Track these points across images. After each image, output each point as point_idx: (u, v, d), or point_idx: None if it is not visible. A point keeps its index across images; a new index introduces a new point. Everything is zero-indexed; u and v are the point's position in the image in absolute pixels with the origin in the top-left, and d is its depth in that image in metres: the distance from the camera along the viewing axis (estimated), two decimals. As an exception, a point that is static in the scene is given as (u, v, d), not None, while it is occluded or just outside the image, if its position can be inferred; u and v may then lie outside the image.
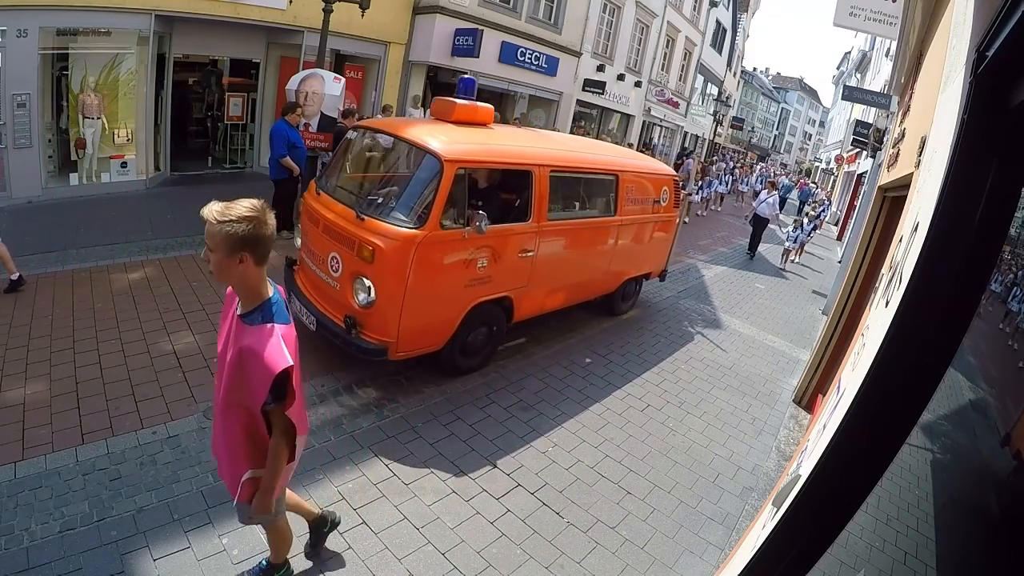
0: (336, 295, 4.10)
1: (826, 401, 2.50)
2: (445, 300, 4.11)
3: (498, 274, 4.40)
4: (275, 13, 9.52)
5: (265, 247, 1.76)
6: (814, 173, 39.72)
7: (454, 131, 4.34)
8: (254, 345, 1.76)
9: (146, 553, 2.59)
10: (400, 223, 3.83)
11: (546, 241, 4.78)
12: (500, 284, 4.48)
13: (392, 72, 12.06)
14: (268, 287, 1.89)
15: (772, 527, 1.32)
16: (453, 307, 4.19)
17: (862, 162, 15.99)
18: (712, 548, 3.33)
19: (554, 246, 4.96)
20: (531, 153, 4.67)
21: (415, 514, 3.13)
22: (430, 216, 3.79)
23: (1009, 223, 0.99)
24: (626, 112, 19.36)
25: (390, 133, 4.54)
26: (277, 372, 1.74)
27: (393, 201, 4.13)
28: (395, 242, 3.74)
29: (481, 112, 4.76)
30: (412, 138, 4.19)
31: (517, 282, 4.67)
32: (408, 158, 4.44)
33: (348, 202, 4.19)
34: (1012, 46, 0.90)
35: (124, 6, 7.63)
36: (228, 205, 1.70)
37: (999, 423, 1.07)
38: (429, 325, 4.10)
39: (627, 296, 6.80)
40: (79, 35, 7.58)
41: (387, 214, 3.94)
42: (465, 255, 4.07)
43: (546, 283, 5.07)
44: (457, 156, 3.94)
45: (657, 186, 6.38)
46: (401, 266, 3.75)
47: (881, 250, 4.71)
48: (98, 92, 7.85)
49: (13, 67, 6.80)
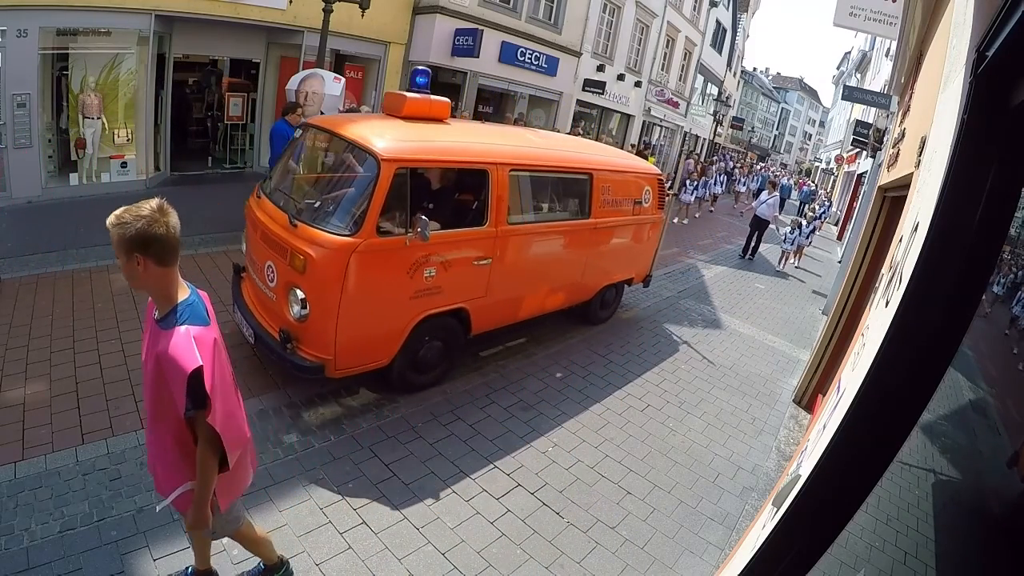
0: (273, 307, 3.80)
1: (826, 401, 2.50)
2: (388, 313, 3.76)
3: (449, 284, 4.04)
4: (275, 13, 9.52)
5: (161, 247, 1.68)
6: (814, 173, 39.71)
7: (402, 128, 3.98)
8: (168, 349, 1.70)
9: (146, 553, 2.59)
10: (334, 230, 3.49)
11: (506, 247, 4.40)
12: (452, 295, 4.12)
13: (392, 72, 12.05)
14: (181, 290, 1.83)
15: (772, 527, 1.32)
16: (397, 321, 3.84)
17: (862, 162, 16.00)
18: (712, 548, 3.33)
19: (516, 253, 4.59)
20: (487, 150, 4.26)
21: (415, 514, 3.13)
22: (365, 222, 3.45)
23: (1009, 223, 0.99)
24: (626, 112, 19.34)
25: (331, 131, 4.11)
26: (188, 373, 1.67)
27: (329, 205, 3.82)
28: (327, 251, 3.40)
29: (435, 106, 4.33)
30: (351, 136, 3.81)
31: (473, 292, 4.30)
32: (347, 158, 4.04)
33: (285, 207, 3.86)
34: (1012, 46, 0.90)
35: (124, 6, 7.63)
36: (125, 208, 1.65)
37: (999, 424, 1.07)
38: (370, 340, 3.77)
39: (606, 304, 6.39)
40: (79, 35, 7.57)
41: (321, 220, 3.63)
42: (409, 264, 3.72)
43: (509, 293, 4.68)
44: (397, 155, 3.57)
45: (638, 186, 5.96)
46: (335, 277, 3.41)
47: (881, 250, 4.71)
48: (98, 92, 7.85)
49: (13, 67, 6.80)
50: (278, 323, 3.74)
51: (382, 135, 3.72)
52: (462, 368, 4.81)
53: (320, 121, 4.37)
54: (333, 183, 4.14)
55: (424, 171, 4.24)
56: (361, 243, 3.44)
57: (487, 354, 5.15)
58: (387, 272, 3.66)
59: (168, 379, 1.72)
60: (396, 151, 3.60)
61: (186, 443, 1.89)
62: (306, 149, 4.49)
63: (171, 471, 1.94)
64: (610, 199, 5.50)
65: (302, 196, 4.06)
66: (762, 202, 11.99)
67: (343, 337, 3.56)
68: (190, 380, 1.68)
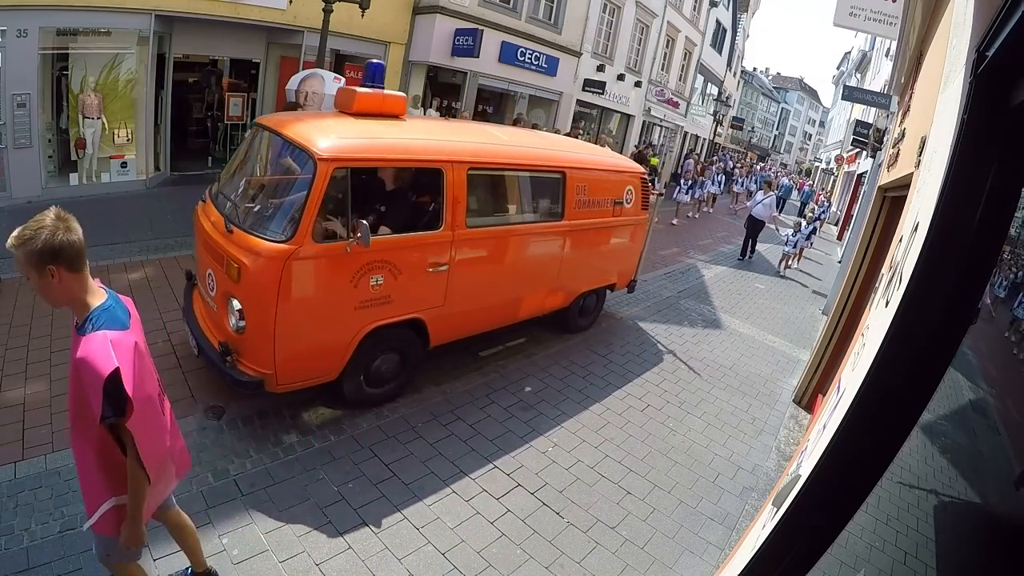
0: (216, 317, 3.61)
1: (826, 401, 2.50)
2: (330, 325, 3.49)
3: (400, 293, 3.76)
4: (275, 13, 9.52)
5: (71, 253, 1.65)
6: (814, 173, 39.71)
7: (349, 125, 3.73)
8: (84, 355, 1.64)
9: (146, 553, 2.59)
10: (269, 236, 3.24)
11: (466, 252, 4.11)
12: (405, 305, 3.83)
13: (392, 72, 12.05)
14: (97, 295, 1.78)
15: (772, 527, 1.32)
16: (342, 333, 3.56)
17: (862, 162, 15.99)
18: (712, 548, 3.33)
19: (478, 258, 4.29)
20: (440, 148, 3.95)
21: (415, 514, 3.13)
22: (300, 227, 3.19)
23: (1009, 223, 0.99)
24: (626, 112, 19.35)
25: (273, 129, 3.81)
26: (105, 376, 1.60)
27: (267, 210, 3.58)
28: (261, 259, 3.17)
29: (389, 101, 4.04)
30: (291, 134, 3.56)
31: (429, 301, 4.00)
32: (287, 158, 3.77)
33: (225, 211, 3.63)
34: (1012, 46, 0.90)
35: (124, 6, 7.63)
36: (23, 226, 1.62)
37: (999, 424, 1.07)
38: (313, 354, 3.50)
39: (586, 311, 6.02)
40: (79, 35, 7.58)
41: (257, 225, 3.39)
42: (352, 272, 3.44)
43: (472, 301, 4.36)
44: (335, 154, 3.30)
45: (618, 185, 5.60)
46: (269, 287, 3.17)
47: (881, 250, 4.71)
48: (98, 92, 7.85)
49: (13, 67, 6.80)
50: (220, 335, 3.55)
51: (322, 133, 3.45)
52: (462, 368, 4.81)
53: (266, 119, 4.09)
54: (272, 185, 3.87)
55: (372, 171, 4.04)
56: (296, 250, 3.17)
57: (487, 354, 5.15)
58: (327, 281, 3.40)
59: (85, 385, 1.64)
60: (334, 150, 3.32)
61: (110, 456, 1.81)
62: (252, 150, 4.17)
63: (94, 487, 1.85)
64: (587, 199, 5.18)
65: (242, 200, 3.77)
66: (757, 202, 11.65)
67: (282, 351, 3.31)
68: (107, 384, 1.61)
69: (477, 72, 12.83)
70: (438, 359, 4.71)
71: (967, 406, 1.19)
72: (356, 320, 3.60)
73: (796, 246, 11.73)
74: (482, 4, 12.40)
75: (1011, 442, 1.01)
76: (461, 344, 4.76)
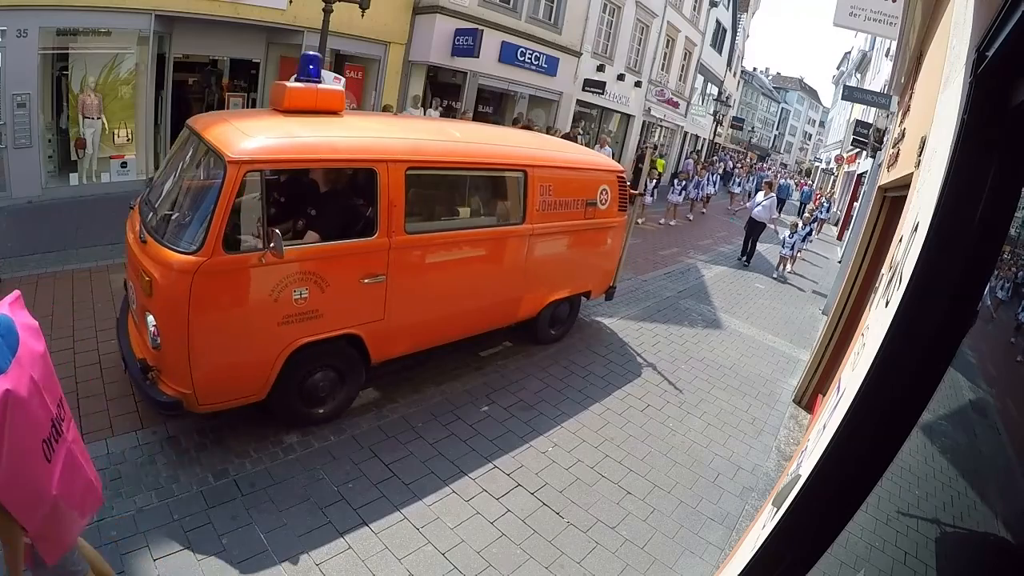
0: (140, 332, 3.37)
1: (826, 401, 2.50)
2: (250, 342, 3.22)
3: (330, 306, 3.45)
4: (275, 13, 9.52)
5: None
6: (814, 173, 39.71)
7: (274, 123, 3.43)
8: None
9: (146, 553, 2.59)
10: (179, 247, 2.98)
11: (406, 261, 3.77)
12: (336, 319, 3.52)
13: (392, 72, 12.05)
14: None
15: (772, 527, 1.32)
16: (264, 350, 3.27)
17: (862, 162, 15.99)
18: (712, 548, 3.33)
19: (422, 267, 3.93)
20: (373, 146, 3.58)
21: (415, 514, 3.13)
22: (208, 236, 2.91)
23: (1009, 223, 0.99)
24: (626, 112, 19.34)
25: (194, 129, 3.51)
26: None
27: (178, 218, 3.30)
28: (170, 271, 2.93)
29: (324, 97, 3.68)
30: (207, 134, 3.27)
31: (366, 315, 3.67)
32: (203, 161, 3.46)
33: (145, 220, 3.37)
34: (1012, 46, 0.90)
35: (124, 6, 7.63)
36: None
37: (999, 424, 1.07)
38: (234, 372, 3.25)
39: (557, 320, 5.60)
40: (79, 35, 7.58)
41: (169, 235, 3.13)
42: (272, 285, 3.16)
43: (418, 314, 4.01)
44: (246, 155, 3.00)
45: (590, 184, 5.19)
46: (179, 301, 2.92)
47: (881, 250, 4.71)
48: (98, 92, 7.85)
49: (13, 67, 6.80)
50: (141, 351, 3.32)
51: (238, 133, 3.16)
52: (462, 368, 4.81)
53: (194, 119, 3.75)
54: (187, 192, 3.55)
55: (296, 174, 3.74)
56: (204, 262, 2.90)
57: (487, 354, 5.15)
58: (243, 295, 3.13)
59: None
60: (245, 151, 3.02)
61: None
62: (178, 153, 3.82)
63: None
64: (553, 200, 4.77)
65: (160, 208, 3.47)
66: (758, 204, 11.42)
67: (200, 369, 3.07)
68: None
69: (477, 72, 12.83)
70: (438, 359, 4.71)
71: (967, 406, 1.19)
72: (280, 337, 3.30)
73: (793, 248, 11.43)
74: (482, 4, 12.40)
75: (1011, 442, 1.01)
76: (461, 344, 4.76)
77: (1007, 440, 1.03)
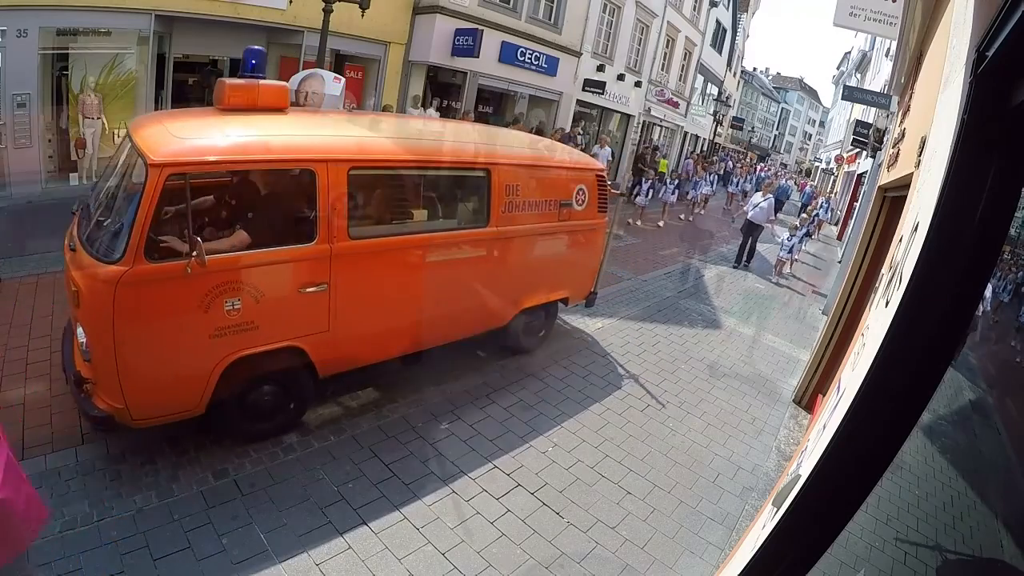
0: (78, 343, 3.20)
1: (826, 401, 2.49)
2: (181, 355, 3.06)
3: (265, 318, 3.22)
4: (275, 13, 9.53)
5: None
6: (814, 173, 39.72)
7: (211, 123, 3.25)
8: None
9: (146, 553, 2.59)
10: (102, 256, 2.85)
11: (352, 268, 3.50)
12: (275, 331, 3.30)
13: (392, 72, 12.06)
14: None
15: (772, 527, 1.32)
16: (197, 364, 3.10)
17: (862, 162, 15.99)
18: (712, 548, 3.33)
19: (370, 275, 3.65)
20: (313, 145, 3.35)
21: (415, 514, 3.13)
22: (129, 244, 2.74)
23: (1009, 223, 0.99)
24: (626, 112, 19.35)
25: (129, 130, 3.32)
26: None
27: (107, 224, 3.13)
28: (93, 282, 2.81)
29: (266, 93, 3.44)
30: (136, 135, 3.10)
31: (308, 327, 3.43)
32: (131, 164, 3.22)
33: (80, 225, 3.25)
34: (1012, 46, 0.90)
35: (124, 6, 7.63)
36: None
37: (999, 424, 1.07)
38: (167, 386, 3.08)
39: (532, 328, 5.18)
40: (79, 35, 7.59)
41: (96, 243, 2.99)
42: (201, 295, 2.97)
43: (368, 324, 3.74)
44: (169, 158, 2.82)
45: (565, 184, 4.82)
46: (103, 313, 2.78)
47: (881, 250, 4.71)
48: (98, 92, 7.86)
49: (13, 67, 6.81)
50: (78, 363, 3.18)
51: (167, 134, 2.98)
52: (462, 368, 4.81)
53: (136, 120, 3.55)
54: (116, 196, 3.33)
55: (229, 177, 3.52)
56: (126, 272, 2.74)
57: (487, 354, 5.15)
58: (171, 306, 2.95)
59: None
60: (168, 153, 2.84)
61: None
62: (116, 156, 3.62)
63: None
64: (521, 201, 4.42)
65: (93, 214, 3.31)
66: (755, 205, 10.90)
67: (130, 383, 2.92)
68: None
69: (477, 72, 12.83)
70: (438, 359, 4.71)
71: (967, 406, 1.19)
72: (213, 349, 3.11)
73: (792, 251, 11.09)
74: (482, 4, 12.40)
75: (1011, 442, 1.01)
76: (461, 344, 4.76)
77: (1007, 440, 1.03)
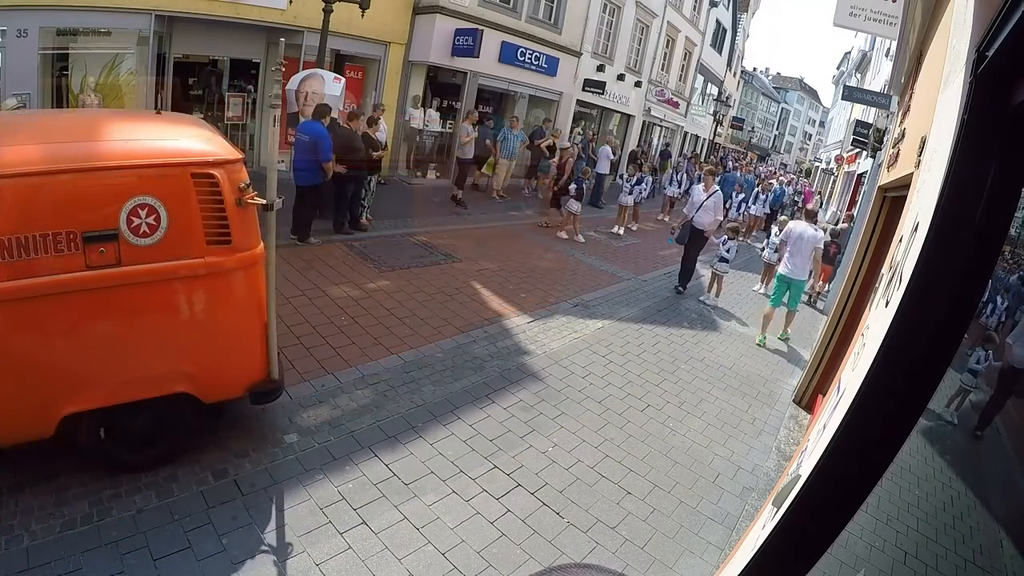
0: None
1: (826, 401, 2.49)
2: None
3: None
4: (275, 13, 9.53)
5: None
6: (814, 173, 39.71)
7: None
8: None
9: (146, 553, 2.59)
10: None
11: None
12: None
13: (392, 72, 12.06)
14: None
15: (772, 527, 1.31)
16: None
17: (862, 162, 15.97)
18: (712, 548, 3.33)
19: None
20: None
21: (415, 514, 3.13)
22: None
23: (1009, 223, 0.99)
24: (626, 112, 19.35)
25: None
26: None
27: None
28: None
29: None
30: None
31: None
32: None
33: None
34: (1012, 46, 0.90)
35: (124, 6, 7.63)
36: None
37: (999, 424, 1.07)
38: None
39: (134, 438, 3.03)
40: (79, 35, 7.60)
41: None
42: None
43: None
44: None
45: (100, 199, 2.61)
46: None
47: (881, 250, 4.71)
48: (98, 92, 7.85)
49: (13, 67, 6.81)
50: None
51: None
52: (462, 368, 4.81)
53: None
54: None
55: None
56: None
57: (487, 354, 5.15)
58: None
59: None
60: None
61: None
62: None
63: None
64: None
65: None
66: (698, 204, 7.57)
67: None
68: None
69: (477, 72, 12.84)
70: (438, 359, 4.71)
71: (967, 406, 1.19)
72: None
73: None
74: (482, 4, 12.40)
75: (1011, 442, 1.01)
76: (461, 344, 4.75)
77: (1007, 440, 1.03)
